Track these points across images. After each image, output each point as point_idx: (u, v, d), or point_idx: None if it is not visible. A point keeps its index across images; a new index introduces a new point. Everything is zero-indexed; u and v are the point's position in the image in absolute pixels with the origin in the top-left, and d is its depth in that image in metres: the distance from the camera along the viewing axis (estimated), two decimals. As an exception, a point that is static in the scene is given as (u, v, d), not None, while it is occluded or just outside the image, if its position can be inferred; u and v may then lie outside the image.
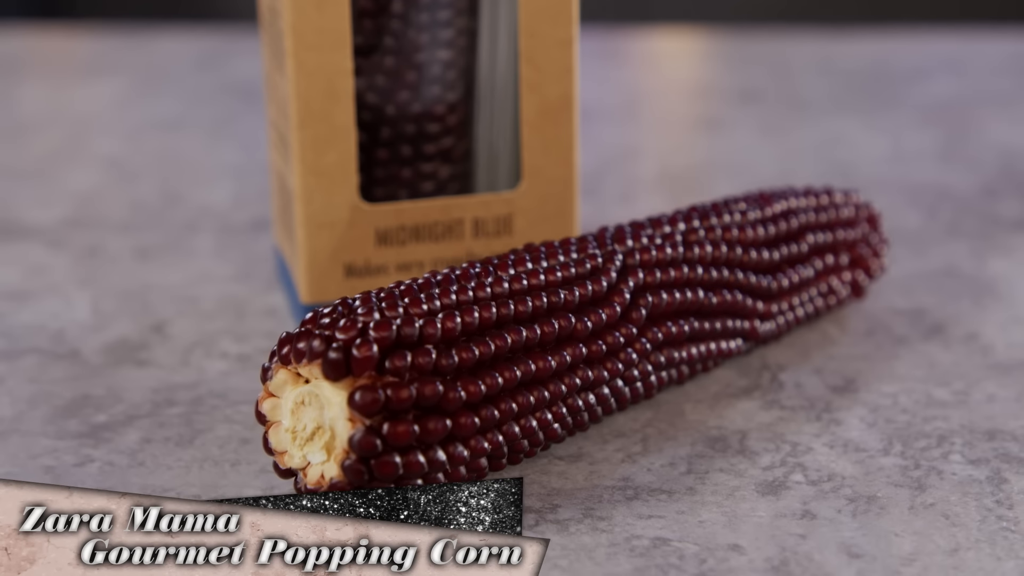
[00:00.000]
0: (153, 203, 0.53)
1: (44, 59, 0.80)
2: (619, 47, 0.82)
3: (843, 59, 0.74)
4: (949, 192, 0.53)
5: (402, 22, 0.39)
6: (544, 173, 0.40)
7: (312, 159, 0.38)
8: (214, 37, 0.83)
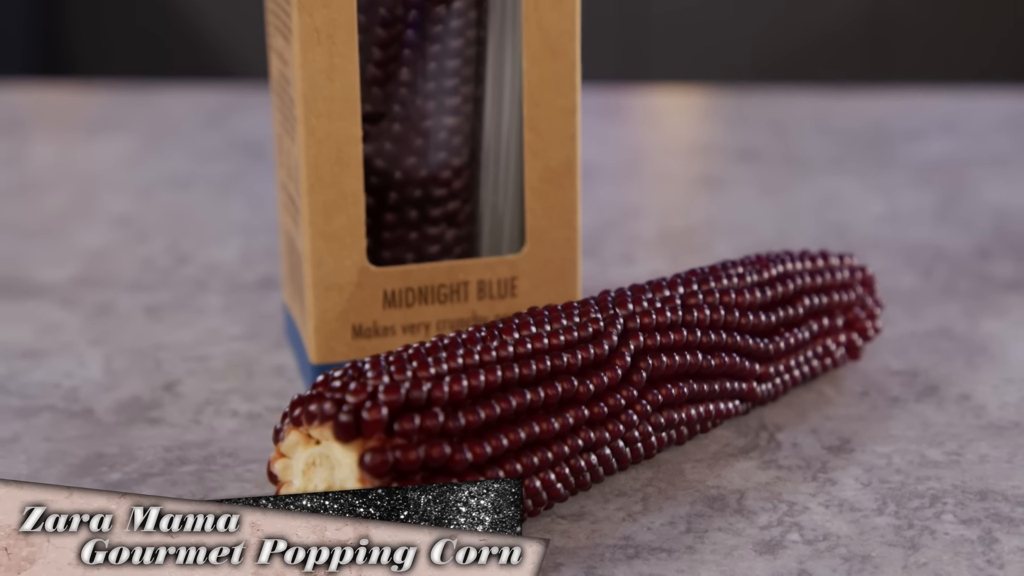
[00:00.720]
0: (162, 261, 0.54)
1: (52, 116, 0.81)
2: (619, 104, 0.83)
3: (840, 118, 0.76)
4: (944, 252, 0.54)
5: (409, 90, 0.40)
6: (547, 237, 0.41)
7: (322, 223, 0.39)
8: (220, 94, 0.84)
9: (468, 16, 0.41)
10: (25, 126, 0.78)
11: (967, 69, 2.37)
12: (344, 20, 0.38)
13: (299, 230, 0.40)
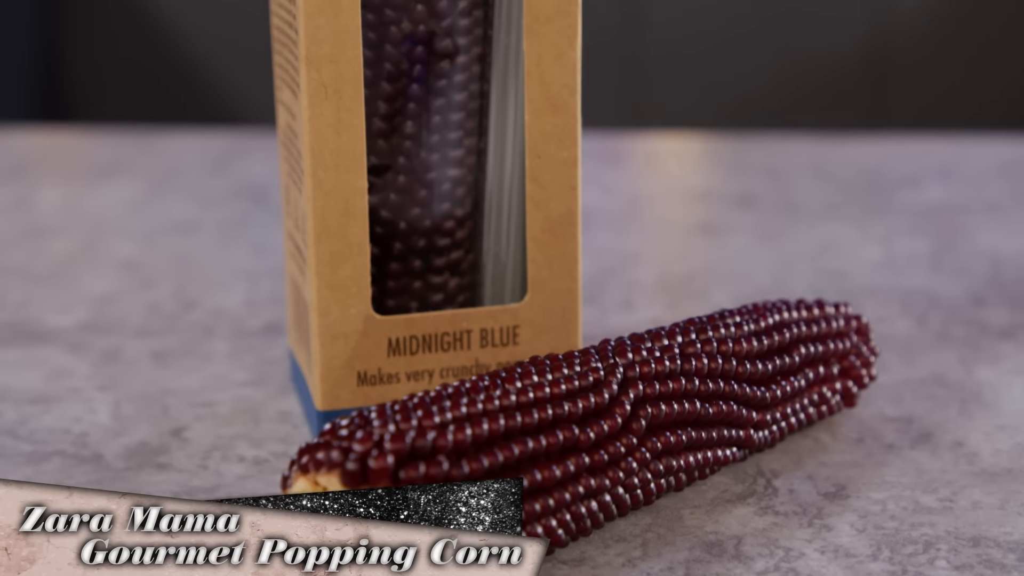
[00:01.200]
0: (169, 307, 0.55)
1: (58, 160, 0.82)
2: (619, 149, 0.84)
3: (837, 164, 0.77)
4: (939, 300, 0.55)
5: (414, 143, 0.41)
6: (548, 286, 0.42)
7: (328, 273, 0.40)
8: (224, 138, 0.85)
9: (472, 70, 0.42)
10: (31, 171, 0.79)
11: (963, 115, 2.38)
12: (351, 75, 0.39)
13: (306, 279, 0.41)
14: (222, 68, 2.48)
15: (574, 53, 0.41)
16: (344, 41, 0.39)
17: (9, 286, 0.58)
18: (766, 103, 2.41)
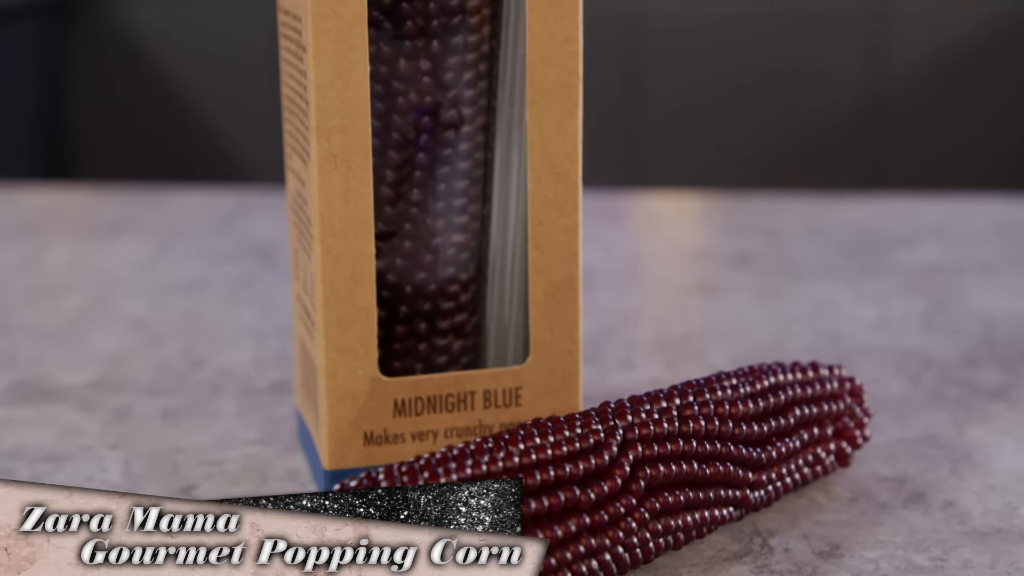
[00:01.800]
0: (178, 365, 0.56)
1: (66, 218, 0.84)
2: (619, 207, 0.86)
3: (833, 224, 0.78)
4: (932, 360, 0.56)
5: (420, 209, 0.43)
6: (550, 349, 0.43)
7: (336, 336, 0.41)
8: (230, 196, 0.86)
9: (476, 139, 0.43)
10: (40, 229, 0.80)
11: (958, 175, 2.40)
12: (360, 145, 0.40)
13: (314, 342, 0.42)
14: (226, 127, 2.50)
15: (575, 123, 0.42)
16: (353, 112, 0.40)
17: (21, 344, 0.59)
18: (764, 160, 2.43)
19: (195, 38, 2.50)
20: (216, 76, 2.50)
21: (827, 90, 2.42)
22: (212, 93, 2.50)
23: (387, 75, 0.42)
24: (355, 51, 0.40)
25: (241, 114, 2.51)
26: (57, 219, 0.84)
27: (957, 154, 2.42)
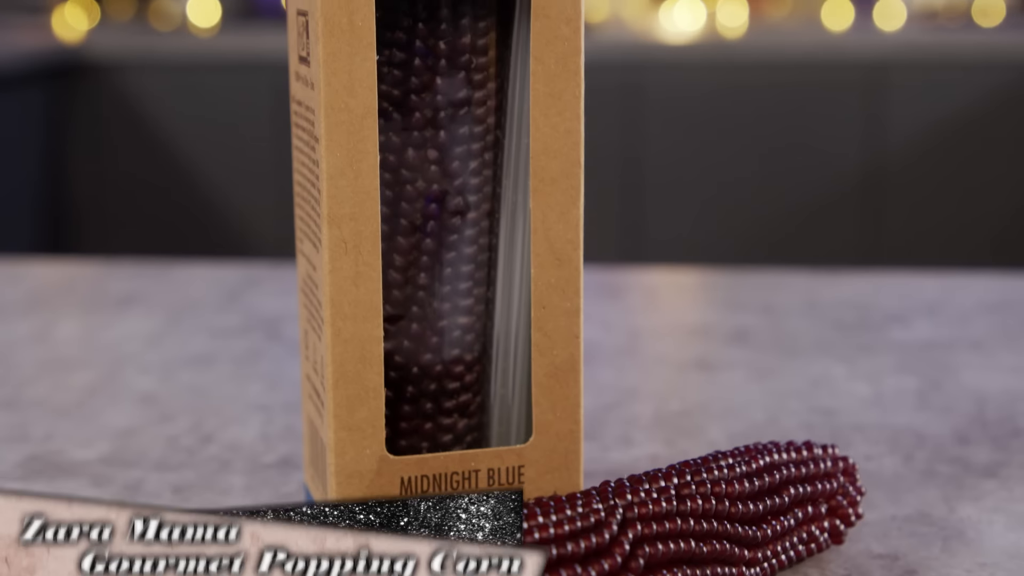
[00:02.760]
0: (187, 441, 0.57)
1: (75, 293, 0.85)
2: (619, 283, 0.87)
3: (829, 300, 0.79)
4: (925, 438, 0.57)
5: (427, 293, 0.44)
6: (552, 429, 0.44)
7: (345, 416, 0.42)
8: (235, 270, 0.88)
9: (481, 225, 0.44)
10: (49, 303, 0.82)
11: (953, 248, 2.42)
12: (370, 232, 0.42)
13: (323, 421, 0.43)
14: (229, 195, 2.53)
15: (577, 211, 0.44)
16: (363, 200, 0.42)
17: (34, 419, 0.60)
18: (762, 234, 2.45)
19: (199, 107, 2.52)
20: (219, 145, 2.52)
21: (825, 163, 2.45)
22: (215, 163, 2.53)
23: (396, 164, 0.43)
24: (366, 142, 0.41)
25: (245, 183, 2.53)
26: (66, 293, 0.85)
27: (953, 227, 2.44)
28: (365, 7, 0.40)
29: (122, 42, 2.57)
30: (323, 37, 0.40)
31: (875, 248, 2.45)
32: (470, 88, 0.43)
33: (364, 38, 0.41)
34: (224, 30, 2.78)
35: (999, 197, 2.44)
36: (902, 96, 2.43)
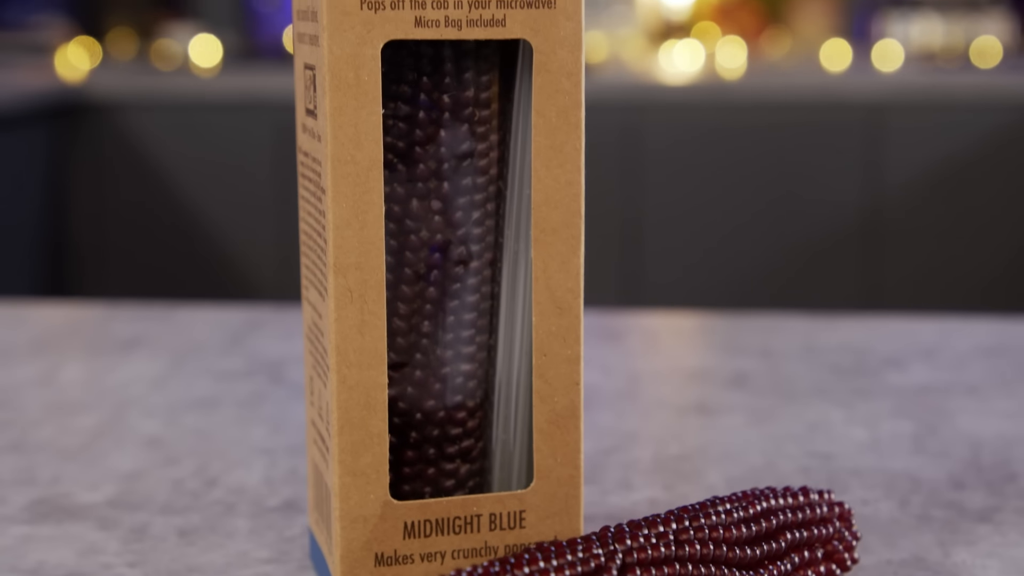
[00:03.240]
0: (192, 484, 0.58)
1: (79, 336, 0.86)
2: (619, 326, 0.88)
3: (827, 345, 0.80)
4: (920, 482, 0.58)
5: (430, 340, 0.45)
6: (553, 474, 0.45)
7: (350, 461, 0.43)
8: (238, 313, 0.89)
9: (483, 274, 0.45)
10: (54, 346, 0.82)
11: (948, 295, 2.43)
12: (375, 281, 0.43)
13: (328, 466, 0.44)
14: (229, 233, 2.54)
15: (577, 260, 0.45)
16: (369, 250, 0.42)
17: (40, 462, 0.61)
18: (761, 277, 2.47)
19: (200, 147, 2.54)
20: (220, 184, 2.54)
21: (823, 204, 2.46)
22: (216, 201, 2.54)
23: (400, 214, 0.44)
24: (371, 193, 0.42)
25: (246, 222, 2.54)
26: (70, 336, 0.86)
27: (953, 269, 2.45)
28: (371, 62, 0.41)
29: (124, 82, 2.59)
30: (330, 91, 0.41)
31: (874, 290, 2.46)
32: (473, 140, 0.44)
33: (370, 92, 0.42)
34: (225, 70, 2.80)
35: (998, 239, 2.45)
36: (900, 137, 2.44)
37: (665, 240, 2.49)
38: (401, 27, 0.41)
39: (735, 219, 2.48)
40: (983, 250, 2.46)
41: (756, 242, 2.48)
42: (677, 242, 2.49)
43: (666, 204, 2.48)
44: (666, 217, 2.48)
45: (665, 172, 2.48)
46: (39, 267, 2.45)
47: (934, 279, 2.46)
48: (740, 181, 2.47)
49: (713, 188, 2.48)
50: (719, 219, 2.48)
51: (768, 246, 2.47)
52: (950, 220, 2.45)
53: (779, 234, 2.47)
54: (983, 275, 2.46)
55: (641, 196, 2.48)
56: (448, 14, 0.42)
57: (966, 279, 2.46)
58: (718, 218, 2.48)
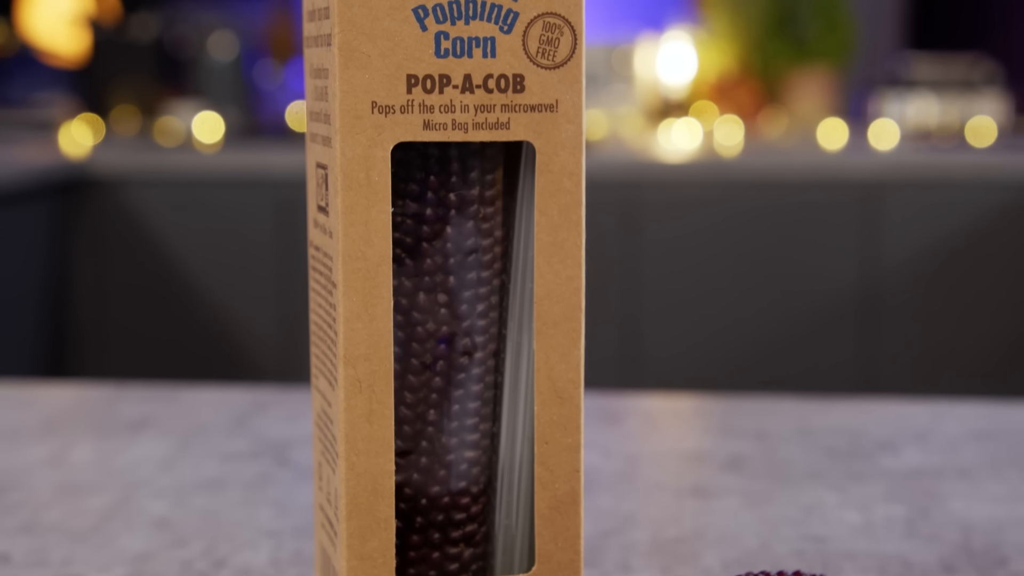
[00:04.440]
0: (201, 565, 0.59)
1: (87, 417, 0.87)
2: (618, 408, 0.90)
3: (821, 428, 0.82)
4: (912, 566, 0.59)
5: (436, 429, 0.47)
6: (554, 558, 0.46)
7: (357, 546, 0.45)
8: (243, 394, 0.90)
9: (487, 365, 0.47)
10: (63, 427, 0.84)
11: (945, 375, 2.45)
12: (383, 372, 0.44)
13: (336, 550, 0.46)
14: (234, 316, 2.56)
15: (578, 352, 0.46)
16: (377, 342, 0.44)
17: (52, 544, 0.62)
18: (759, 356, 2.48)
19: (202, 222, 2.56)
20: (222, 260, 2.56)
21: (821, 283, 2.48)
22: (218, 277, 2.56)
23: (408, 307, 0.46)
24: (380, 288, 0.44)
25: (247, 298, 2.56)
26: (78, 417, 0.88)
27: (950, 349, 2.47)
28: (382, 163, 0.43)
29: (126, 157, 2.62)
30: (342, 191, 0.43)
31: (871, 366, 2.47)
32: (478, 236, 0.46)
33: (380, 192, 0.44)
34: (227, 146, 2.83)
35: (995, 319, 2.47)
36: (897, 215, 2.47)
37: (663, 315, 2.51)
38: (410, 130, 0.43)
39: (732, 295, 2.50)
40: (981, 330, 2.47)
41: (754, 316, 2.50)
42: (675, 317, 2.51)
43: (664, 278, 2.50)
44: (664, 291, 2.51)
45: (663, 248, 2.50)
46: (40, 342, 2.46)
47: (931, 357, 2.48)
48: (738, 257, 2.50)
49: (711, 264, 2.50)
50: (717, 294, 2.50)
51: (766, 321, 2.49)
52: (947, 299, 2.47)
53: (777, 309, 2.49)
54: (982, 354, 2.47)
55: (639, 271, 2.50)
56: (455, 118, 0.44)
57: (964, 358, 2.47)
58: (716, 293, 2.50)
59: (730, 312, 2.50)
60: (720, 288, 2.50)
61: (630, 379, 2.47)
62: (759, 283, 2.49)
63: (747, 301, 2.50)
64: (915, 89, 3.07)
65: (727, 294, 2.50)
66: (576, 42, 0.44)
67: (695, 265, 2.50)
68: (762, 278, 2.49)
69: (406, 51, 0.43)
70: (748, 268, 2.49)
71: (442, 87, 0.43)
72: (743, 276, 2.50)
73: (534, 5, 0.44)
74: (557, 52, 0.44)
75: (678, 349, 2.50)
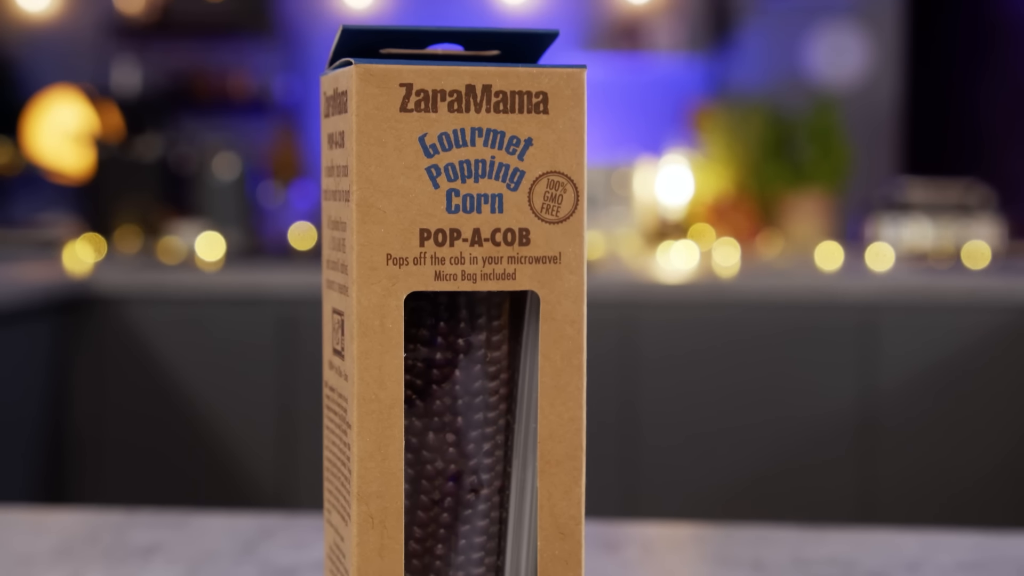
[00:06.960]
0: None
1: (98, 543, 0.89)
2: (617, 536, 0.91)
3: (816, 558, 0.84)
4: None
5: (443, 562, 0.49)
6: None
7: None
8: (250, 521, 0.92)
9: (493, 501, 0.49)
10: (75, 554, 0.86)
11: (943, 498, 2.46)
12: (394, 508, 0.47)
13: None
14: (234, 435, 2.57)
15: (579, 490, 0.49)
16: (389, 480, 0.47)
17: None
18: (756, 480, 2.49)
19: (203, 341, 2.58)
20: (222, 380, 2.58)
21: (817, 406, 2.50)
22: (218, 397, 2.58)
23: (418, 445, 0.48)
24: (393, 428, 0.46)
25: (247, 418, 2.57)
26: (90, 543, 0.89)
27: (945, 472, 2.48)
28: (395, 311, 0.46)
29: (128, 276, 2.65)
30: (358, 337, 0.46)
31: (868, 492, 2.48)
32: (485, 379, 0.49)
33: (394, 338, 0.46)
34: (228, 265, 2.86)
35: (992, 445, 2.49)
36: (894, 337, 2.50)
37: (660, 437, 2.52)
38: (422, 280, 0.46)
39: (729, 418, 2.52)
40: (976, 452, 2.49)
41: (752, 438, 2.51)
42: (672, 439, 2.52)
43: (661, 400, 2.52)
44: (661, 412, 2.52)
45: (660, 369, 2.53)
46: (38, 461, 2.47)
47: (929, 481, 2.49)
48: (734, 380, 2.52)
49: (708, 386, 2.52)
50: (713, 417, 2.52)
51: (763, 443, 2.51)
52: (943, 423, 2.49)
53: (774, 430, 2.50)
54: (978, 479, 2.49)
55: (636, 392, 2.52)
56: (464, 269, 0.47)
57: (961, 482, 2.48)
58: (712, 416, 2.52)
59: (727, 434, 2.52)
60: (717, 409, 2.52)
61: (627, 505, 2.48)
62: (756, 404, 2.51)
63: (744, 422, 2.51)
64: (910, 213, 3.11)
65: (724, 416, 2.52)
66: (578, 198, 0.47)
67: (692, 386, 2.52)
68: (759, 400, 2.51)
69: (419, 207, 0.46)
70: (745, 389, 2.52)
71: (452, 240, 0.46)
72: (740, 397, 2.52)
73: (539, 164, 0.47)
74: (560, 207, 0.47)
75: (675, 472, 2.51)
